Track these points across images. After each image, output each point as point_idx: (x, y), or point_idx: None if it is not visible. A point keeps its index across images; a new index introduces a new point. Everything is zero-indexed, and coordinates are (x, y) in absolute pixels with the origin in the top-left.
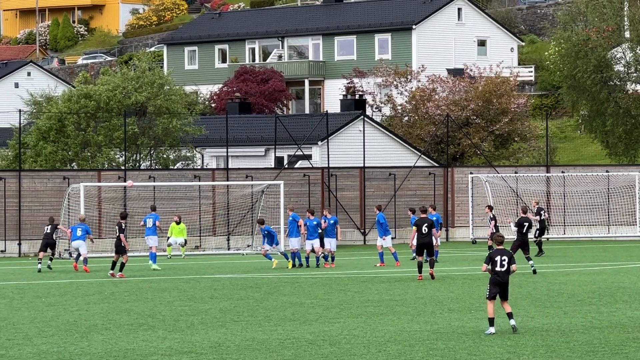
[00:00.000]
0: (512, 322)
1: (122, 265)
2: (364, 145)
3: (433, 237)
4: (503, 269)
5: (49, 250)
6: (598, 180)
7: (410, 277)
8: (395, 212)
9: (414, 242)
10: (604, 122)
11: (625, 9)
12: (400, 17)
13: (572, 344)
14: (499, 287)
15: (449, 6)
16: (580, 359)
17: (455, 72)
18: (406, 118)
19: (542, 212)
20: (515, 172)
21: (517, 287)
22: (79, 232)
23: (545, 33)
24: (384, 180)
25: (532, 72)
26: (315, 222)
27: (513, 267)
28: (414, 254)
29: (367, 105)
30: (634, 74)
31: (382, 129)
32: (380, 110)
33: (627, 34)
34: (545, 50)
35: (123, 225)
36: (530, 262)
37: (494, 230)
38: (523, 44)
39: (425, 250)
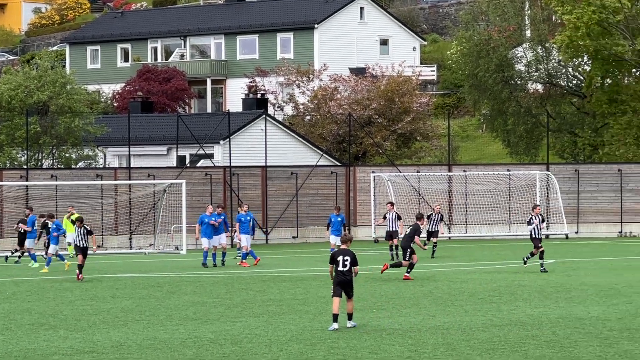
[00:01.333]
0: (349, 323)
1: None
2: (265, 144)
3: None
4: (345, 269)
5: None
6: (499, 179)
7: (312, 276)
8: (297, 211)
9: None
10: (505, 121)
11: (526, 8)
12: (302, 16)
13: (472, 342)
14: (342, 285)
15: (351, 5)
16: (480, 356)
17: (358, 71)
18: (308, 117)
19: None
20: (417, 171)
21: (419, 286)
22: None
23: (448, 32)
24: (286, 179)
25: (434, 71)
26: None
27: (355, 268)
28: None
29: (269, 104)
30: (535, 74)
31: (284, 128)
32: (282, 109)
33: (528, 34)
34: (447, 49)
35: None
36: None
37: (394, 229)
38: (425, 43)
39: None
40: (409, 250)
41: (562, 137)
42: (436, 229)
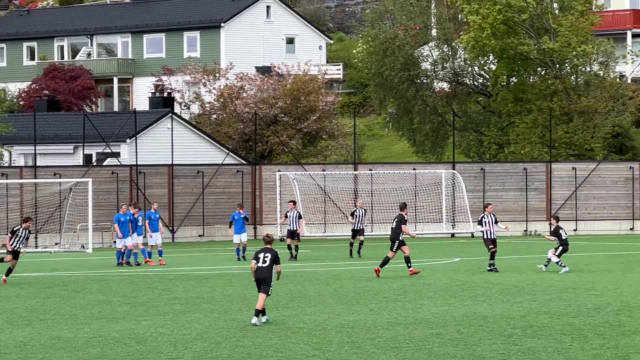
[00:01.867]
0: (254, 320)
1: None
2: (172, 143)
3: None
4: (264, 265)
5: None
6: (405, 177)
7: (218, 274)
8: (204, 209)
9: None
10: (411, 120)
11: (432, 7)
12: (208, 15)
13: (377, 340)
14: (260, 281)
15: (257, 4)
16: (385, 355)
17: (264, 70)
18: (214, 116)
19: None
20: (323, 170)
21: (324, 284)
22: None
23: (354, 31)
24: (193, 177)
25: (340, 70)
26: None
27: (277, 267)
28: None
29: (175, 103)
30: (441, 72)
31: (191, 127)
32: (188, 108)
33: (434, 32)
34: (353, 48)
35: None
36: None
37: (294, 228)
38: (331, 42)
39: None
40: (397, 242)
41: (468, 136)
42: (362, 227)
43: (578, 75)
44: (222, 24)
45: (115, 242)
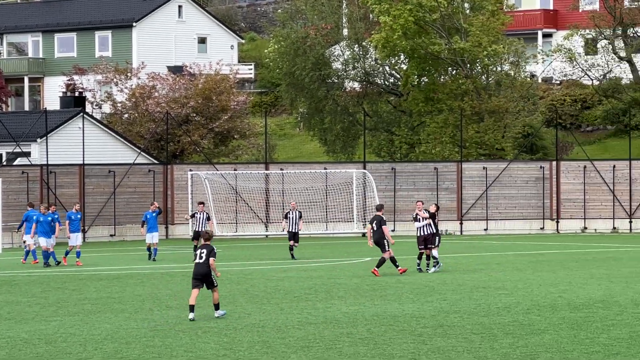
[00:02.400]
0: (217, 313)
1: None
2: (83, 142)
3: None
4: (201, 260)
5: None
6: (316, 177)
7: (129, 274)
8: (115, 209)
9: None
10: (323, 120)
11: (343, 7)
12: (120, 15)
13: (288, 339)
14: (200, 277)
15: (169, 4)
16: (296, 354)
17: (176, 70)
18: (126, 115)
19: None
20: (235, 170)
21: (235, 284)
22: None
23: (265, 31)
24: (104, 177)
25: (251, 69)
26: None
27: (211, 260)
28: None
29: (87, 103)
30: (352, 72)
31: (102, 127)
32: (100, 108)
33: (345, 32)
34: (265, 47)
35: None
36: None
37: (204, 229)
38: (243, 41)
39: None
40: (385, 241)
41: (379, 136)
42: (297, 230)
43: (489, 75)
44: (134, 24)
45: (25, 241)
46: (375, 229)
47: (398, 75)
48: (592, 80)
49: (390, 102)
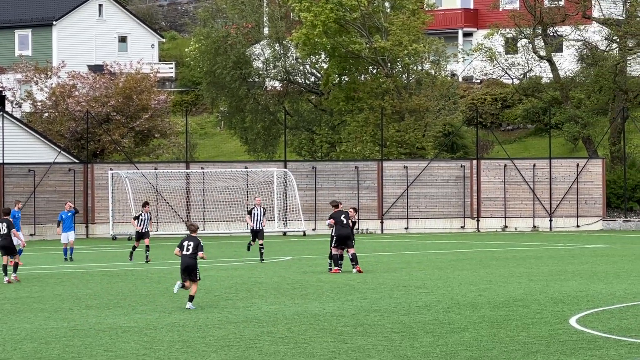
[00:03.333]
0: (188, 304)
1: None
2: (2, 141)
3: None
4: (188, 252)
5: None
6: (237, 176)
7: (49, 274)
8: (35, 208)
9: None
10: (244, 119)
11: (264, 6)
12: (40, 13)
13: (208, 338)
14: (186, 269)
15: (89, 3)
16: (216, 353)
17: (96, 69)
18: (46, 114)
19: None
20: (155, 169)
21: (156, 283)
22: None
23: (186, 30)
24: (24, 176)
25: (172, 68)
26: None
27: (200, 253)
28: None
29: (6, 102)
30: (273, 71)
31: (22, 125)
32: (20, 107)
33: (266, 31)
34: (186, 46)
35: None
36: None
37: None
38: (164, 40)
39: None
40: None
41: (300, 135)
42: (262, 227)
43: (409, 74)
44: (54, 22)
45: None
46: (345, 223)
47: (319, 74)
48: (512, 79)
49: (311, 101)
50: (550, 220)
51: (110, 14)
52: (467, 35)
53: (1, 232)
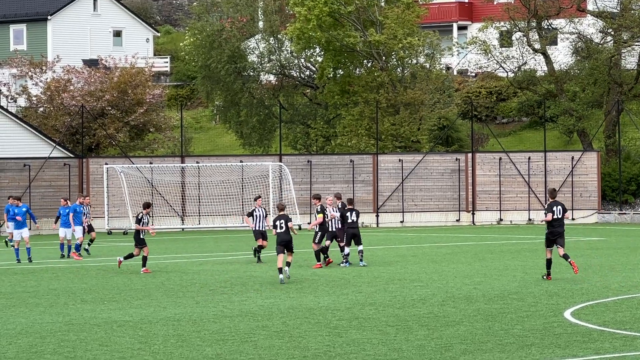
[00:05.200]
0: (287, 271)
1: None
2: None
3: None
4: (282, 230)
5: None
6: (232, 170)
7: (44, 268)
8: (30, 203)
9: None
10: (239, 113)
11: (258, 0)
12: (35, 8)
13: (203, 333)
14: (283, 244)
15: None
16: (211, 347)
17: (91, 63)
18: (41, 109)
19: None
20: (151, 163)
21: (151, 277)
22: None
23: (181, 24)
24: (19, 171)
25: (167, 62)
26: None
27: (290, 224)
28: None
29: (1, 96)
30: (268, 65)
31: (17, 120)
32: (15, 101)
33: (260, 25)
34: (181, 40)
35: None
36: None
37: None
38: (159, 34)
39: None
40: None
41: (295, 128)
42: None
43: (404, 67)
44: (49, 17)
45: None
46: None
47: (314, 68)
48: (507, 72)
49: (306, 95)
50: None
51: (105, 8)
52: (461, 28)
53: None
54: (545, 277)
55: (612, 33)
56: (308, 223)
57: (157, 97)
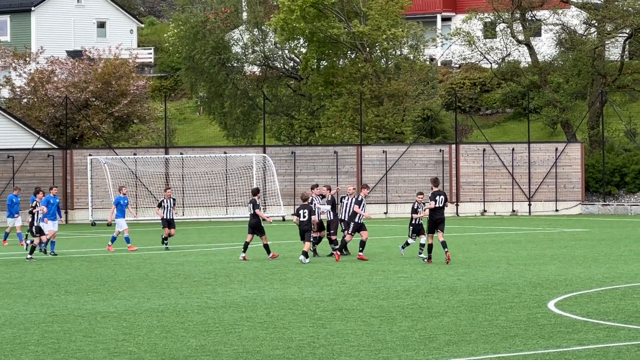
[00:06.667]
0: (302, 258)
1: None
2: None
3: None
4: (304, 219)
5: None
6: (216, 161)
7: (27, 260)
8: None
9: None
10: (222, 104)
11: None
12: None
13: (187, 324)
14: (303, 231)
15: None
16: (195, 338)
17: (75, 54)
18: (25, 100)
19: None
20: (135, 154)
21: (135, 268)
22: None
23: (165, 15)
24: (3, 162)
25: (151, 53)
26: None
27: (313, 218)
28: None
29: None
30: (251, 56)
31: (1, 111)
32: None
33: (244, 16)
34: (165, 32)
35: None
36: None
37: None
38: (143, 25)
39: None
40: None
41: (279, 120)
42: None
43: (388, 58)
44: (33, 8)
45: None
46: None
47: (297, 59)
48: (490, 63)
49: (289, 86)
50: (529, 205)
51: None
52: (445, 19)
53: None
54: (426, 260)
55: (596, 24)
56: (292, 214)
57: (141, 88)
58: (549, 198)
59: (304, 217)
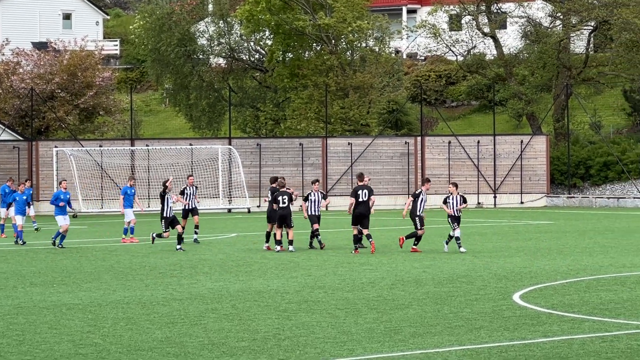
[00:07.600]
0: (291, 248)
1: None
2: None
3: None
4: (284, 205)
5: None
6: (182, 153)
7: (5, 251)
8: None
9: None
10: (188, 96)
11: None
12: None
13: (153, 315)
14: (281, 217)
15: None
16: (160, 330)
17: (40, 46)
18: None
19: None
20: (100, 146)
21: (100, 260)
22: None
23: (131, 7)
24: None
25: (117, 45)
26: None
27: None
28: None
29: None
30: (217, 48)
31: None
32: None
33: (210, 8)
34: (131, 24)
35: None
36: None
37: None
38: (109, 17)
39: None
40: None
41: (244, 112)
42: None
43: (354, 50)
44: None
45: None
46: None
47: (263, 51)
48: (456, 56)
49: (255, 78)
50: (495, 197)
51: None
52: (411, 12)
53: None
54: (353, 251)
55: (561, 17)
56: (257, 206)
57: (107, 80)
58: (514, 190)
59: (284, 202)
